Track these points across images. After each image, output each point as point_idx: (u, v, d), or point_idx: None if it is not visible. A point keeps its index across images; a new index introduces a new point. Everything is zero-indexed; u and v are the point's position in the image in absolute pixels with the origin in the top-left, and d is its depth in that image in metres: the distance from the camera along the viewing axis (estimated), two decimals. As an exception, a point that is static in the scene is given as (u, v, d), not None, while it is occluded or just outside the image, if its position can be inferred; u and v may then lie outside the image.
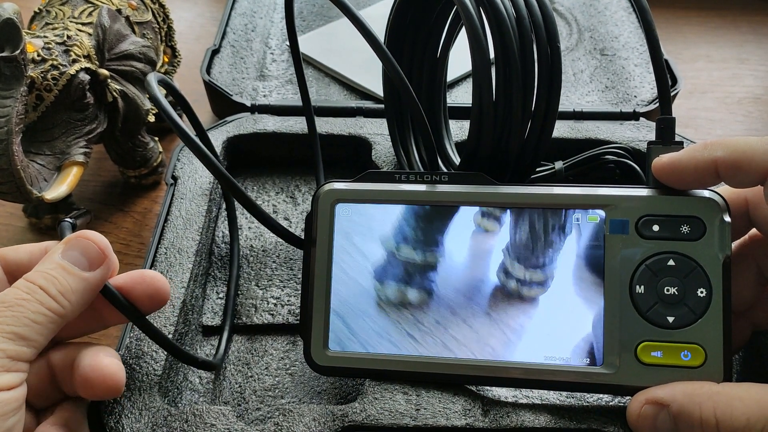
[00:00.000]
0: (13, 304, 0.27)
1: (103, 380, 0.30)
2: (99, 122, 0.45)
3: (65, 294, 0.28)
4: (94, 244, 0.30)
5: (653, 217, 0.32)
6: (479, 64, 0.34)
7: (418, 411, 0.33)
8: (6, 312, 0.27)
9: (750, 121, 0.60)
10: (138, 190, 0.53)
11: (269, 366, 0.39)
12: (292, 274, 0.44)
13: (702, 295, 0.31)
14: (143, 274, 0.32)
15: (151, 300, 0.32)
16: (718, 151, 0.29)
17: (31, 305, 0.27)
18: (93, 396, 0.31)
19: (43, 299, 0.28)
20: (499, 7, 0.33)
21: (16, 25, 0.36)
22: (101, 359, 0.30)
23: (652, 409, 0.30)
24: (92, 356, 0.30)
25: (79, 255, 0.29)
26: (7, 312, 0.27)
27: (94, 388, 0.30)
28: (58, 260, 0.29)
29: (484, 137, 0.35)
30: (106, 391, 0.30)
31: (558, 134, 0.49)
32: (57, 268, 0.29)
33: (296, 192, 0.50)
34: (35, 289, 0.28)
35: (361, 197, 0.35)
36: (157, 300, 0.32)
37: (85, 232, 0.30)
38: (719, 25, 0.70)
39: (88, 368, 0.30)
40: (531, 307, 0.33)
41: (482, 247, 0.34)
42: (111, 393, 0.30)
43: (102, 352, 0.31)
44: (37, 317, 0.27)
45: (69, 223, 0.32)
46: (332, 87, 0.58)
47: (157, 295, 0.32)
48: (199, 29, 0.71)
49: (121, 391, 0.31)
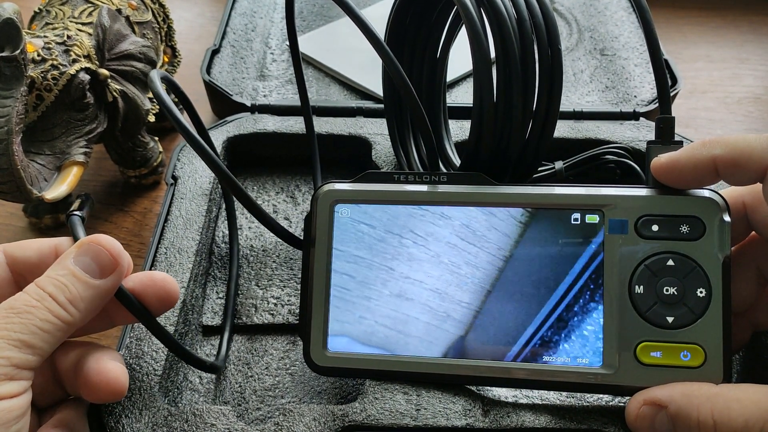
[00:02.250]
0: (22, 311, 0.27)
1: (106, 384, 0.30)
2: (99, 122, 0.45)
3: (74, 302, 0.28)
4: (107, 251, 0.29)
5: (652, 216, 0.32)
6: (480, 64, 0.34)
7: (418, 411, 0.33)
8: (14, 318, 0.27)
9: (750, 121, 0.60)
10: (138, 190, 0.53)
11: (269, 366, 0.39)
12: (293, 274, 0.44)
13: (701, 295, 0.31)
14: (152, 276, 0.32)
15: (161, 302, 0.32)
16: (716, 149, 0.29)
17: (40, 313, 0.27)
18: (96, 399, 0.31)
19: (52, 307, 0.27)
20: (500, 8, 0.33)
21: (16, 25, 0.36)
22: (106, 363, 0.30)
23: (650, 409, 0.30)
24: (97, 360, 0.30)
25: (91, 261, 0.29)
26: (15, 318, 0.27)
27: (99, 392, 0.30)
28: (69, 266, 0.29)
29: (484, 138, 0.35)
30: (110, 395, 0.30)
31: (558, 134, 0.49)
32: (68, 275, 0.28)
33: (296, 192, 0.50)
34: (44, 296, 0.28)
35: (361, 198, 0.35)
36: (167, 302, 0.32)
37: (98, 237, 0.30)
38: (719, 25, 0.70)
39: (93, 372, 0.30)
40: (530, 307, 0.33)
41: (482, 248, 0.34)
42: (114, 397, 0.30)
43: (107, 356, 0.31)
44: (45, 325, 0.27)
45: (78, 216, 0.32)
46: (332, 87, 0.58)
47: (168, 298, 0.32)
48: (199, 29, 0.71)
49: (123, 395, 0.31)
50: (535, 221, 0.33)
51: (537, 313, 0.33)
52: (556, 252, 0.33)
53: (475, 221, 0.34)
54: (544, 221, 0.33)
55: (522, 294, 0.33)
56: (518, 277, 0.33)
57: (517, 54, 0.34)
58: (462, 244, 0.34)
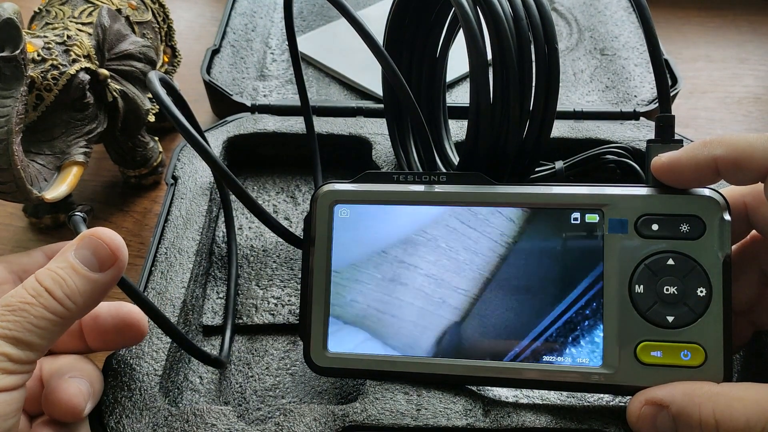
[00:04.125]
0: (17, 308, 0.27)
1: (58, 403, 0.30)
2: (99, 122, 0.45)
3: (71, 296, 0.28)
4: (106, 244, 0.29)
5: (652, 216, 0.32)
6: (476, 66, 0.34)
7: (418, 411, 0.33)
8: (9, 316, 0.27)
9: (750, 121, 0.60)
10: (138, 190, 0.53)
11: (270, 366, 0.39)
12: (293, 274, 0.44)
13: (702, 295, 0.31)
14: (119, 307, 0.33)
15: (122, 336, 0.34)
16: (717, 149, 0.29)
17: (35, 310, 0.27)
18: (52, 416, 0.31)
19: (48, 303, 0.27)
20: (496, 7, 0.33)
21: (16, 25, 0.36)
22: (66, 382, 0.30)
23: (652, 409, 0.30)
24: (60, 377, 0.31)
25: (90, 255, 0.29)
26: (10, 316, 0.27)
27: (53, 409, 0.30)
28: (69, 258, 0.29)
29: (481, 138, 0.35)
30: (62, 414, 0.30)
31: (558, 134, 0.49)
32: (67, 268, 0.28)
33: (296, 192, 0.50)
34: (41, 291, 0.27)
35: (360, 198, 0.35)
36: (129, 337, 0.34)
37: (98, 230, 0.29)
38: (719, 25, 0.70)
39: (51, 387, 0.30)
40: (530, 307, 0.33)
41: (482, 248, 0.34)
42: (68, 417, 0.30)
43: (76, 372, 0.31)
44: (41, 322, 0.27)
45: (80, 216, 0.32)
46: (332, 87, 0.58)
47: (131, 330, 0.34)
48: (199, 29, 0.71)
49: (79, 417, 0.31)
50: (535, 221, 0.33)
51: (537, 313, 0.33)
52: (555, 252, 0.33)
53: (474, 222, 0.34)
54: (543, 221, 0.33)
55: (522, 294, 0.33)
56: (518, 278, 0.33)
57: (514, 54, 0.34)
58: (461, 245, 0.34)
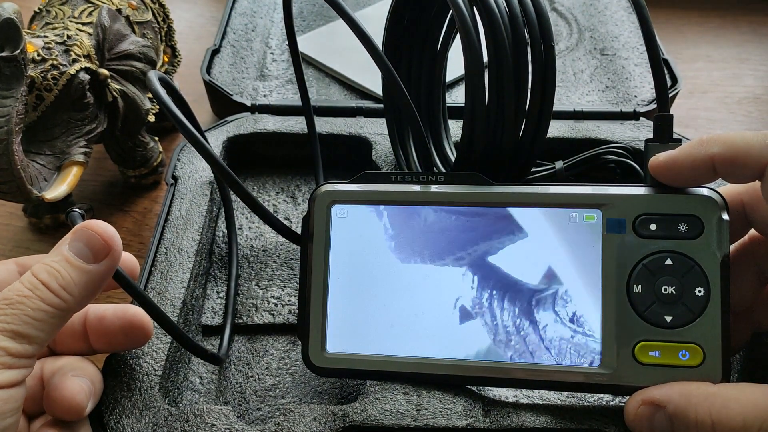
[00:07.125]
0: (14, 301, 0.27)
1: (61, 401, 0.30)
2: (99, 122, 0.45)
3: (67, 288, 0.28)
4: (98, 235, 0.29)
5: (650, 215, 0.32)
6: (471, 64, 0.34)
7: (418, 411, 0.33)
8: (6, 310, 0.27)
9: (750, 121, 0.60)
10: (138, 190, 0.53)
11: (270, 366, 0.40)
12: (293, 274, 0.44)
13: (700, 294, 0.31)
14: (126, 309, 0.34)
15: (127, 337, 0.34)
16: (714, 147, 0.29)
17: (32, 302, 0.27)
18: (54, 415, 0.31)
19: (44, 295, 0.27)
20: (492, 6, 0.33)
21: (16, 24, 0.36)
22: (68, 381, 0.31)
23: (649, 409, 0.30)
24: (62, 375, 0.31)
25: (84, 246, 0.29)
26: (7, 310, 0.27)
27: (54, 408, 0.30)
28: (64, 251, 0.29)
29: (476, 137, 0.35)
30: (64, 413, 0.30)
31: (558, 134, 0.49)
32: (61, 261, 0.28)
33: (296, 192, 0.50)
34: (37, 284, 0.28)
35: (358, 198, 0.35)
36: (134, 338, 0.34)
37: (91, 222, 0.29)
38: (719, 25, 0.70)
39: (52, 386, 0.30)
40: (529, 307, 0.33)
41: (480, 247, 0.34)
42: (70, 416, 0.31)
43: (78, 371, 0.31)
44: (38, 314, 0.27)
45: (78, 213, 0.32)
46: (332, 87, 0.58)
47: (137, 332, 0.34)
48: (199, 29, 0.71)
49: (81, 415, 0.31)
50: (533, 221, 0.33)
51: (536, 313, 0.33)
52: (554, 251, 0.33)
53: (471, 221, 0.34)
54: (541, 220, 0.33)
55: (521, 293, 0.33)
56: (517, 277, 0.33)
57: (509, 53, 0.33)
58: (459, 243, 0.34)
